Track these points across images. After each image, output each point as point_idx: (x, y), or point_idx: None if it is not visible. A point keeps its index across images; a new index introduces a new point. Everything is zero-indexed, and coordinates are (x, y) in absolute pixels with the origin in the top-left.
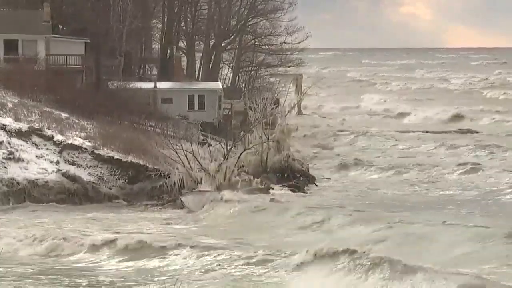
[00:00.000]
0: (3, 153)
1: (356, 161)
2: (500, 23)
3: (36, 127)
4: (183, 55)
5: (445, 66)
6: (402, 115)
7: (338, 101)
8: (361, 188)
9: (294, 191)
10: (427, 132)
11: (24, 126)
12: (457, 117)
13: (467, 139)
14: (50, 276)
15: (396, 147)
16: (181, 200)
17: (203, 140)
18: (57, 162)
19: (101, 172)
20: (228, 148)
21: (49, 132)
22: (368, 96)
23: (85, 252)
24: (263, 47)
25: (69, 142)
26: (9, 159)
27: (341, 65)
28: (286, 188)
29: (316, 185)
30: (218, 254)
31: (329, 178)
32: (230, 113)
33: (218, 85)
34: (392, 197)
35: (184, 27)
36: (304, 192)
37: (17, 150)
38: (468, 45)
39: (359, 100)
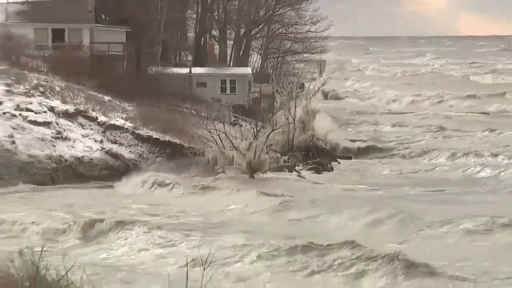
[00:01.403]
0: (52, 133)
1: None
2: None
3: (81, 109)
4: (215, 43)
5: (448, 54)
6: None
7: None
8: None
9: (317, 169)
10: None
11: (70, 108)
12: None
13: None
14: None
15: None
16: None
17: (234, 121)
18: (101, 141)
19: (141, 150)
20: (258, 128)
21: (93, 114)
22: (351, 81)
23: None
24: (289, 35)
25: (112, 122)
26: (57, 138)
27: (349, 53)
28: (310, 165)
29: (339, 163)
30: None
31: (350, 157)
32: (259, 96)
33: (248, 70)
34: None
35: (216, 17)
36: (328, 171)
37: (64, 130)
38: (479, 33)
39: (345, 86)
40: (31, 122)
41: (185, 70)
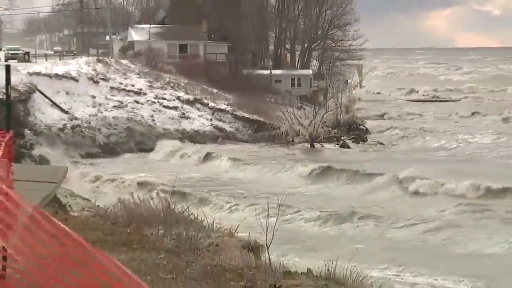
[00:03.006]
0: (178, 114)
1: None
2: (493, 29)
3: (198, 98)
4: (288, 53)
5: (444, 60)
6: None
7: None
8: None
9: (357, 139)
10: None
11: (191, 97)
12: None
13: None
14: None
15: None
16: None
17: (300, 106)
18: (211, 119)
19: (237, 126)
20: (316, 111)
21: (206, 101)
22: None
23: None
24: (338, 48)
25: (218, 107)
26: (182, 117)
27: (371, 60)
28: (351, 136)
29: (370, 133)
30: None
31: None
32: (317, 89)
33: (310, 71)
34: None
35: (288, 36)
36: (363, 141)
37: (186, 112)
38: (469, 45)
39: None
40: (165, 106)
41: (267, 72)
